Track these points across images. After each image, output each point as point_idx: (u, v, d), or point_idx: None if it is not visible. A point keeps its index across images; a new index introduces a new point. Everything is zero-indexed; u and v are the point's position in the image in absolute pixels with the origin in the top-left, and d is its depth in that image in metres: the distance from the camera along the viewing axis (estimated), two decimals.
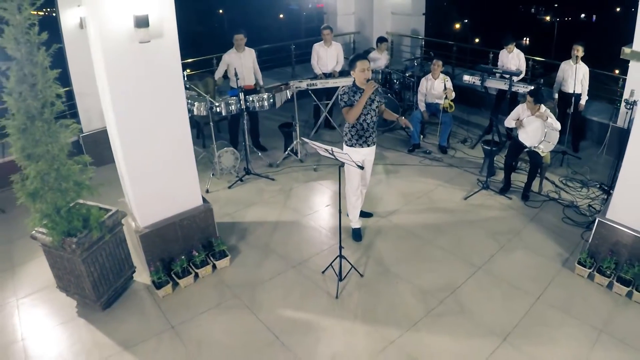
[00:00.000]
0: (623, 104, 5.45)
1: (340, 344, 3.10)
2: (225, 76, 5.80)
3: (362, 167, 3.39)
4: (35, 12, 2.78)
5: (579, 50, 5.53)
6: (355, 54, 3.92)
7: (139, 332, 3.24)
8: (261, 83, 5.79)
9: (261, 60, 7.58)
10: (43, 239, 3.17)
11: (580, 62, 5.59)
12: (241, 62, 5.46)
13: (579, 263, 3.78)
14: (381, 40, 6.87)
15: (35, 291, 3.74)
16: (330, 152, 3.10)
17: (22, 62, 2.70)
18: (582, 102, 5.74)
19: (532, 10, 46.54)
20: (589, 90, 5.77)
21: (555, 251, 4.04)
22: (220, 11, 33.36)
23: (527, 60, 6.50)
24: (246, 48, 5.57)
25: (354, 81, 3.74)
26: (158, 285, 3.46)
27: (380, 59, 6.79)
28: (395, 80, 6.48)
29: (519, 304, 3.44)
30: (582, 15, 48.09)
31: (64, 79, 5.90)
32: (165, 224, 3.51)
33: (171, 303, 3.47)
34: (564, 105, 5.75)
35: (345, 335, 3.17)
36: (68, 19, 5.39)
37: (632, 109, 5.12)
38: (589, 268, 3.74)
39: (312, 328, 3.23)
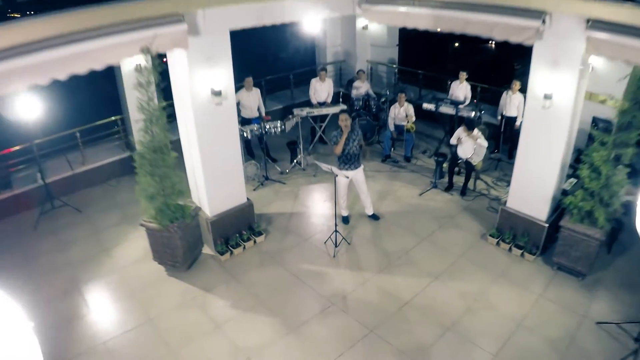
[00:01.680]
0: None
1: (337, 282, 5.33)
2: None
3: (347, 177, 5.65)
4: None
5: (517, 85, 7.75)
6: (339, 112, 5.97)
7: (213, 282, 5.39)
8: (263, 114, 7.84)
9: (267, 87, 9.75)
10: (150, 225, 5.26)
11: (517, 93, 7.74)
12: (249, 99, 7.59)
13: (490, 235, 6.05)
14: (359, 72, 9.09)
15: (131, 263, 5.84)
16: (330, 169, 5.31)
17: (152, 118, 4.80)
18: (517, 123, 7.90)
19: None
20: None
21: (477, 229, 6.33)
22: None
23: (476, 87, 8.79)
24: (253, 88, 7.67)
25: (340, 128, 5.79)
26: (221, 253, 5.63)
27: (362, 87, 9.01)
28: (373, 105, 8.71)
29: (447, 260, 5.70)
30: None
31: (118, 108, 7.99)
32: (225, 214, 5.69)
33: (230, 264, 5.64)
34: (503, 124, 8.03)
35: (340, 277, 5.40)
36: (126, 64, 7.45)
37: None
38: (497, 238, 6.02)
39: (320, 274, 5.45)
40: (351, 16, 9.83)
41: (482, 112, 8.16)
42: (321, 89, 8.39)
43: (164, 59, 4.90)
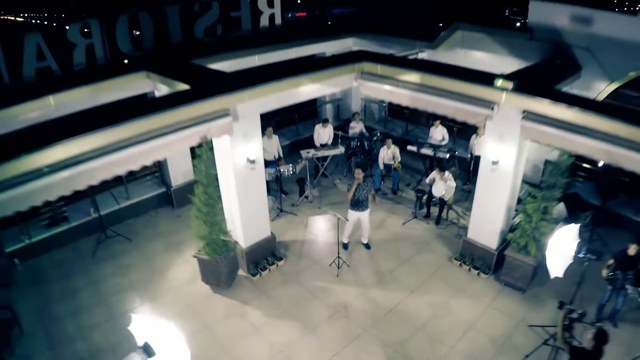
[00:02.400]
0: None
1: (341, 295, 7.55)
2: None
3: (347, 219, 7.86)
4: None
5: (482, 130, 9.93)
6: (357, 166, 8.10)
7: (248, 297, 7.56)
8: (281, 155, 10.09)
9: (276, 126, 11.89)
10: (202, 257, 7.40)
11: (483, 136, 9.90)
12: (270, 145, 9.76)
13: (455, 259, 8.30)
14: (354, 114, 11.30)
15: (183, 284, 7.94)
16: (337, 215, 7.50)
17: (208, 183, 6.91)
18: None
19: (507, 12, 51.87)
20: None
21: (446, 253, 8.56)
22: None
23: (452, 127, 11.02)
24: (273, 135, 9.83)
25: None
26: (253, 275, 7.82)
27: (357, 127, 11.19)
28: (366, 145, 10.89)
29: (421, 277, 7.94)
30: None
31: None
32: (255, 245, 7.87)
33: (260, 283, 7.83)
34: (472, 161, 10.26)
35: (343, 292, 7.63)
36: None
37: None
38: (459, 261, 8.26)
39: (327, 289, 7.67)
40: None
41: (456, 153, 10.41)
42: (323, 134, 10.60)
43: None
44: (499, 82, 6.77)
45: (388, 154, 10.16)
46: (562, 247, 6.08)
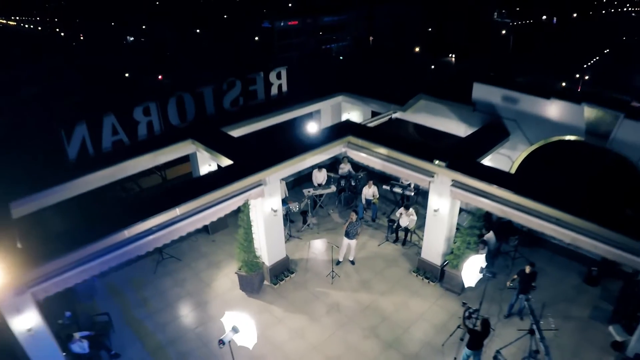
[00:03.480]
0: None
1: (334, 297, 12.15)
2: None
3: (338, 247, 12.47)
4: None
5: None
6: (353, 210, 12.72)
7: (272, 299, 12.11)
8: (287, 196, 14.53)
9: None
10: (241, 274, 11.92)
11: None
12: (280, 188, 14.19)
13: (413, 272, 12.93)
14: (343, 157, 15.78)
15: (226, 291, 12.45)
16: (332, 243, 12.02)
17: (247, 226, 11.36)
18: None
19: (495, 15, 56.65)
20: None
21: (408, 267, 13.18)
22: None
23: None
24: (281, 181, 14.24)
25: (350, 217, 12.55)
26: (274, 284, 12.37)
27: (345, 167, 15.66)
28: (352, 181, 15.39)
29: (389, 285, 12.56)
30: (544, 17, 58.69)
31: None
32: (275, 263, 12.40)
33: (279, 289, 12.39)
34: None
35: (335, 294, 12.23)
36: (202, 169, 13.89)
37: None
38: (416, 273, 12.89)
39: (325, 293, 12.27)
40: (338, 109, 16.62)
41: (421, 188, 15.02)
42: (319, 176, 15.16)
43: None
44: (436, 162, 11.27)
45: (369, 192, 14.71)
46: (472, 268, 10.67)
